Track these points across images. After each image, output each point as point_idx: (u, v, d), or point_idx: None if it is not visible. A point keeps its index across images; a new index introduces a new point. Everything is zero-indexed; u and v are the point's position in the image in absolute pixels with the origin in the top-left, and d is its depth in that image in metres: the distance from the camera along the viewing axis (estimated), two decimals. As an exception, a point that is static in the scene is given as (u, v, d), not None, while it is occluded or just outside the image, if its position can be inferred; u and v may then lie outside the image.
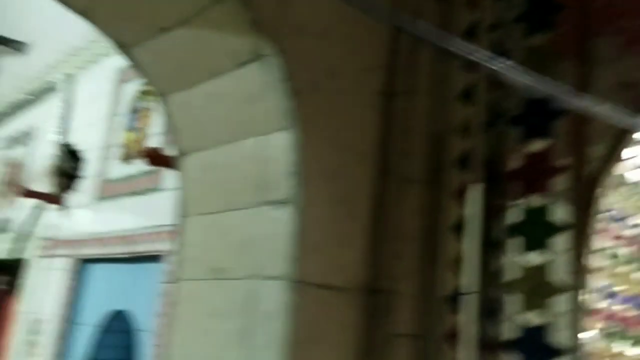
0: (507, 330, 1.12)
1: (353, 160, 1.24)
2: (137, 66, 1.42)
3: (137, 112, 2.42)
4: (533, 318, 1.09)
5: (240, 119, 1.28)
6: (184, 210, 1.42)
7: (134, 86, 2.48)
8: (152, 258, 2.06)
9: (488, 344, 1.14)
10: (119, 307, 2.20)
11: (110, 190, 2.40)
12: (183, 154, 1.44)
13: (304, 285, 1.13)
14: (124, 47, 1.38)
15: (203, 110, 1.36)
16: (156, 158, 1.82)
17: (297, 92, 1.16)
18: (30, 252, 2.77)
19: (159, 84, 1.43)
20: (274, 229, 1.18)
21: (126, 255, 2.18)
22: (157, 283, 1.98)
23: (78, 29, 2.96)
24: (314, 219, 1.16)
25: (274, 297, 1.14)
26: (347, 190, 1.22)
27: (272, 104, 1.19)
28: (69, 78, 3.00)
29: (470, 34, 1.30)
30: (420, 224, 1.24)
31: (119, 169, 2.39)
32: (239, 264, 1.24)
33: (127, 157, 2.37)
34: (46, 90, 3.22)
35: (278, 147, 1.19)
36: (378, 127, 1.27)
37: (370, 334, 1.18)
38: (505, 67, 0.94)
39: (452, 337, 1.17)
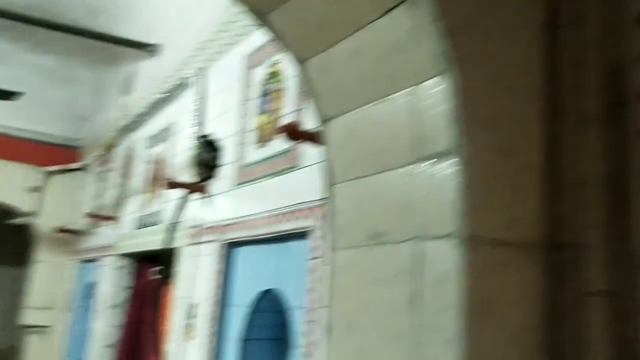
0: None
1: (519, 102, 1.11)
2: (275, 34, 1.39)
3: (267, 95, 2.42)
4: None
5: (388, 71, 1.19)
6: (333, 178, 1.37)
7: (263, 70, 2.50)
8: (298, 236, 2.05)
9: None
10: (268, 286, 2.22)
11: (249, 174, 2.43)
12: (326, 119, 1.39)
13: (477, 243, 1.03)
14: (260, 14, 1.35)
15: (345, 69, 1.30)
16: (294, 133, 1.79)
17: (451, 31, 1.05)
18: (180, 241, 2.90)
19: (297, 50, 1.38)
20: (436, 184, 1.08)
21: (271, 236, 2.19)
22: (305, 260, 1.97)
23: (205, 24, 3.07)
24: (480, 169, 1.05)
25: (443, 258, 1.05)
26: (515, 136, 1.09)
27: (423, 49, 1.09)
28: (201, 72, 3.10)
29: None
30: (604, 168, 1.09)
31: (256, 153, 2.42)
32: (399, 226, 1.16)
33: (262, 140, 2.38)
34: (180, 87, 3.36)
35: (433, 95, 1.09)
36: (544, 63, 1.13)
37: (557, 293, 1.05)
38: None
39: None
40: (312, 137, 1.76)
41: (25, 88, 5.12)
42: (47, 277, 5.28)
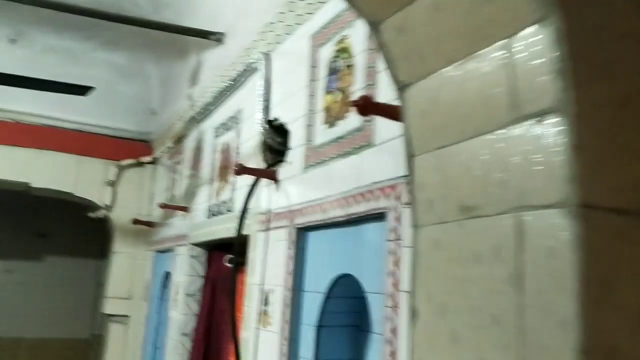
0: None
1: (634, 49, 0.96)
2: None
3: (336, 73, 2.33)
4: None
5: (475, 25, 1.06)
6: (413, 150, 1.26)
7: (329, 48, 2.40)
8: (373, 218, 1.95)
9: None
10: (343, 272, 2.13)
11: (319, 156, 2.34)
12: (404, 86, 1.28)
13: (590, 212, 0.89)
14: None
15: (425, 28, 1.18)
16: (367, 107, 1.69)
17: (551, -30, 0.92)
18: (251, 228, 2.86)
19: (371, 11, 1.27)
20: (538, 147, 0.95)
21: (344, 219, 2.10)
22: (382, 243, 1.86)
23: (268, 7, 3.00)
24: (591, 125, 0.91)
25: (549, 231, 0.92)
26: (630, 88, 0.94)
27: (518, -7, 0.96)
28: (266, 56, 3.04)
29: None
30: None
31: (325, 134, 2.33)
32: (494, 197, 1.03)
33: (332, 120, 2.29)
34: (246, 73, 3.32)
35: (532, 45, 0.95)
36: (663, 1, 0.97)
37: (689, 269, 0.90)
38: None
39: None
40: (386, 111, 1.65)
41: (98, 85, 5.26)
42: (125, 268, 5.44)
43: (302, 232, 2.44)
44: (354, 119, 2.11)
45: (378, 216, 1.91)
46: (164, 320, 4.61)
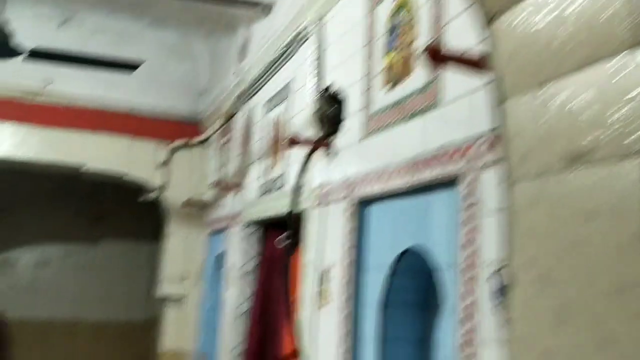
0: None
1: None
2: None
3: (396, 30, 2.14)
4: None
5: None
6: (504, 93, 1.07)
7: (387, 4, 2.21)
8: (442, 184, 1.77)
9: None
10: (409, 246, 1.96)
11: (379, 122, 2.17)
12: (493, 16, 1.08)
13: None
14: None
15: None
16: (437, 56, 1.50)
17: None
18: (306, 204, 2.72)
19: None
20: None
21: (410, 188, 1.92)
22: (454, 211, 1.68)
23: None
24: None
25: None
26: None
27: None
28: (318, 22, 2.87)
29: None
30: None
31: (386, 97, 2.15)
32: (613, 139, 0.84)
33: (393, 81, 2.11)
34: (296, 42, 3.16)
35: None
36: None
37: None
38: None
39: None
40: (461, 60, 1.46)
41: (148, 66, 5.23)
42: (179, 250, 5.43)
43: (362, 205, 2.28)
44: (417, 78, 1.93)
45: (448, 183, 1.72)
46: (219, 301, 4.56)
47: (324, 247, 2.53)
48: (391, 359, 2.05)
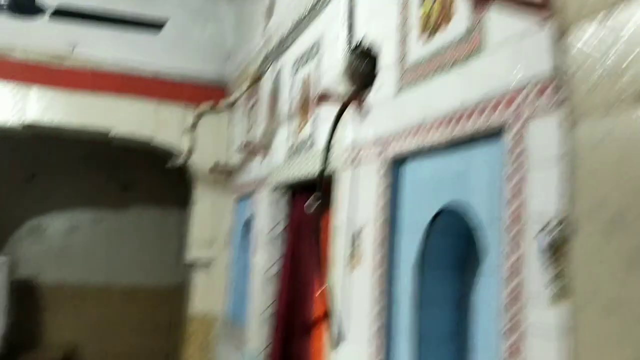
0: None
1: None
2: None
3: (434, -25, 2.01)
4: None
5: None
6: (566, 23, 0.96)
7: (425, -51, 2.08)
8: (485, 137, 1.67)
9: None
10: (447, 203, 1.87)
11: (416, 75, 2.06)
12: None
13: None
14: None
15: None
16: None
17: None
18: (337, 164, 2.64)
19: None
20: None
21: (449, 142, 1.82)
22: (498, 165, 1.58)
23: None
24: None
25: None
26: None
27: None
28: (348, -28, 2.74)
29: None
30: None
31: (422, 49, 2.03)
32: None
33: (431, 30, 1.99)
34: (325, -3, 3.04)
35: None
36: None
37: None
38: None
39: None
40: (508, -2, 1.34)
41: (173, 28, 5.15)
42: (207, 216, 5.42)
43: (397, 163, 2.19)
44: (458, 24, 1.81)
45: (492, 134, 1.62)
46: (247, 266, 4.55)
47: (356, 208, 2.45)
48: (427, 319, 1.98)
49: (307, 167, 3.13)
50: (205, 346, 5.30)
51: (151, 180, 8.17)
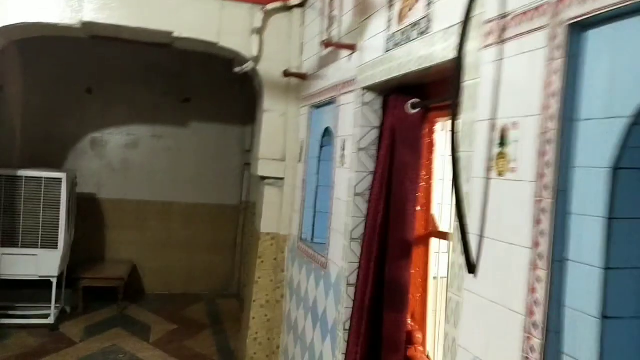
0: None
1: None
2: None
3: None
4: None
5: None
6: None
7: None
8: None
9: None
10: None
11: None
12: None
13: None
14: None
15: None
16: None
17: None
18: (475, 43, 2.06)
19: None
20: None
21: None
22: None
23: None
24: None
25: None
26: None
27: None
28: None
29: None
30: None
31: None
32: None
33: None
34: None
35: None
36: None
37: None
38: None
39: None
40: None
41: None
42: (277, 128, 4.95)
43: (576, 30, 1.59)
44: None
45: None
46: (325, 182, 4.09)
47: (500, 98, 1.89)
48: (620, 236, 1.45)
49: (414, 59, 2.56)
50: (276, 266, 4.97)
51: (213, 94, 7.76)
